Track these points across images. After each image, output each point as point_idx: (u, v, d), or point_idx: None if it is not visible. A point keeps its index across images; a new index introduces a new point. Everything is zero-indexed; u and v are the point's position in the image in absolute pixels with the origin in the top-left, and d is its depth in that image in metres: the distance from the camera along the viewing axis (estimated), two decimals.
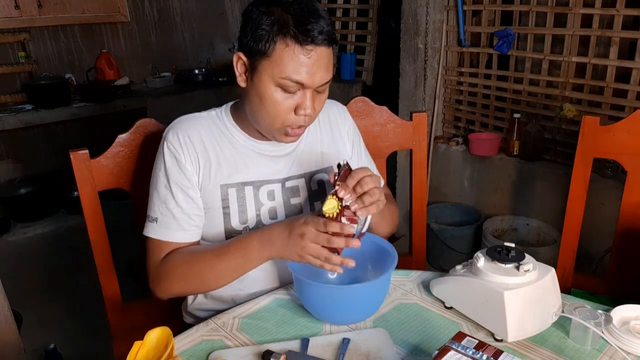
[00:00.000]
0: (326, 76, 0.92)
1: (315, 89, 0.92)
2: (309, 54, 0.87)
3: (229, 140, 1.03)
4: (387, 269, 0.89)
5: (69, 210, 2.68)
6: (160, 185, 0.99)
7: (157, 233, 0.99)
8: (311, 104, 0.92)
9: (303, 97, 0.92)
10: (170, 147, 0.98)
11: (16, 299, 1.77)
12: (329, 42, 0.89)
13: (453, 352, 0.70)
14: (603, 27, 2.03)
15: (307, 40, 0.86)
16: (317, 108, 0.95)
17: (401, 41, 2.74)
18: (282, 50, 0.87)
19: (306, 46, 0.87)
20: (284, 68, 0.88)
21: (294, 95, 0.92)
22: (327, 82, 0.93)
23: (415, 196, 1.43)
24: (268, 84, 0.90)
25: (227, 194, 1.00)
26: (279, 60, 0.88)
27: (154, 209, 1.00)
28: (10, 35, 2.74)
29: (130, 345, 0.74)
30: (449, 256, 2.57)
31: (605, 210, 2.02)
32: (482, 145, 2.52)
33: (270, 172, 1.04)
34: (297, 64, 0.88)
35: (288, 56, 0.87)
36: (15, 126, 2.55)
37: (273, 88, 0.91)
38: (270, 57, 0.88)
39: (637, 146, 1.19)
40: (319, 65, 0.89)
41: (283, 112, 0.93)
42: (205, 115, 1.05)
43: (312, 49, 0.87)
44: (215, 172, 1.00)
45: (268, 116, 0.94)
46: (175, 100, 2.99)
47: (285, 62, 0.87)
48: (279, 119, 0.93)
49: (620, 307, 0.87)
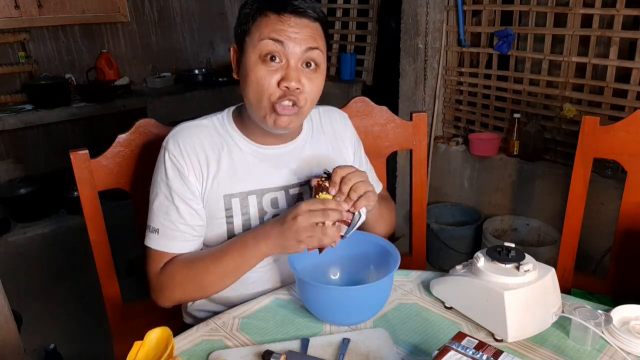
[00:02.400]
0: (310, 42, 0.90)
1: (302, 65, 0.91)
2: (288, 20, 0.89)
3: (231, 148, 1.01)
4: (389, 270, 0.89)
5: (69, 210, 2.68)
6: (162, 196, 0.98)
7: (159, 244, 0.97)
8: (296, 76, 0.90)
9: (287, 69, 0.90)
10: (172, 158, 0.97)
11: (16, 299, 1.77)
12: (311, 14, 0.90)
13: (453, 352, 0.70)
14: (603, 27, 2.03)
15: (285, 9, 0.88)
16: (307, 89, 0.92)
17: (401, 41, 2.74)
18: (261, 21, 0.90)
19: (284, 14, 0.88)
20: (262, 32, 0.89)
21: (278, 68, 0.90)
22: (312, 48, 0.91)
23: (415, 196, 1.43)
24: (251, 57, 0.91)
25: (231, 203, 0.99)
26: (257, 28, 0.90)
27: (154, 220, 0.98)
28: (10, 35, 2.74)
29: (130, 345, 0.74)
30: (449, 256, 2.57)
31: (605, 210, 2.02)
32: (482, 145, 2.52)
33: (273, 179, 1.02)
34: (274, 28, 0.89)
35: (265, 23, 0.89)
36: (15, 126, 2.55)
37: (255, 60, 0.90)
38: (251, 31, 0.90)
39: (637, 146, 1.19)
40: (300, 32, 0.89)
41: (268, 86, 0.90)
42: (206, 122, 1.02)
43: (290, 17, 0.89)
44: (218, 182, 0.99)
45: (255, 93, 0.92)
46: (175, 100, 3.00)
47: (263, 27, 0.89)
48: (265, 95, 0.91)
49: (620, 307, 0.87)
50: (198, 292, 0.99)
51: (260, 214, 1.01)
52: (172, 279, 0.96)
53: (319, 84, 0.95)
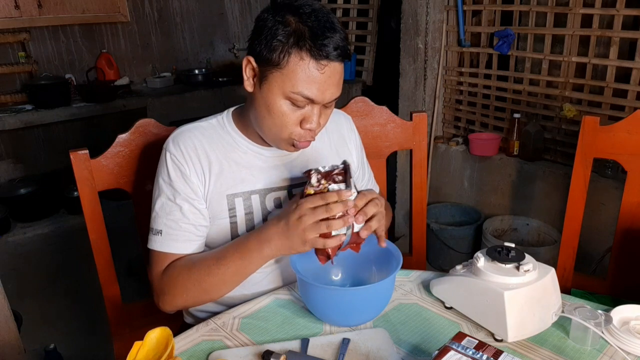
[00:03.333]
0: (336, 93, 0.91)
1: (324, 104, 0.92)
2: (322, 69, 0.86)
3: (232, 148, 1.01)
4: (391, 271, 0.89)
5: (69, 210, 2.68)
6: (164, 197, 0.97)
7: (162, 245, 0.97)
8: (317, 119, 0.92)
9: (310, 112, 0.91)
10: (173, 159, 0.97)
11: (16, 299, 1.77)
12: (343, 58, 0.89)
13: (453, 352, 0.70)
14: (603, 27, 2.03)
15: (322, 55, 0.85)
16: (322, 122, 0.95)
17: (401, 41, 2.74)
18: (295, 64, 0.86)
19: (321, 61, 0.86)
20: (297, 82, 0.87)
21: (301, 108, 0.91)
22: (336, 99, 0.93)
23: (415, 196, 1.43)
24: (277, 95, 0.89)
25: (234, 203, 0.99)
26: (292, 73, 0.86)
27: (157, 222, 0.98)
28: (10, 35, 2.74)
29: (130, 345, 0.74)
30: (449, 256, 2.57)
31: (605, 210, 2.02)
32: (482, 145, 2.52)
33: (276, 179, 1.03)
34: (309, 79, 0.86)
35: (301, 70, 0.86)
36: (15, 126, 2.55)
37: (282, 100, 0.89)
38: (283, 69, 0.87)
39: (637, 146, 1.19)
40: (330, 82, 0.89)
41: (290, 124, 0.92)
42: (206, 124, 1.02)
43: (326, 64, 0.86)
44: (221, 182, 0.99)
45: (275, 127, 0.93)
46: (175, 100, 2.99)
47: (299, 76, 0.86)
48: (285, 131, 0.92)
49: (620, 307, 0.87)
50: (200, 296, 0.96)
51: (263, 213, 1.01)
52: (174, 282, 0.95)
53: (332, 111, 0.98)
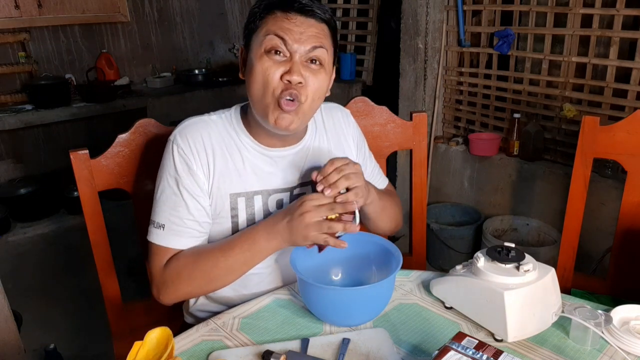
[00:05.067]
0: (315, 41, 0.91)
1: (306, 61, 0.91)
2: (294, 19, 0.90)
3: (238, 147, 1.00)
4: (391, 271, 0.89)
5: (69, 210, 2.68)
6: (169, 191, 0.96)
7: (164, 240, 0.96)
8: (298, 70, 0.90)
9: (291, 64, 0.90)
10: (180, 152, 0.96)
11: (16, 299, 1.77)
12: (318, 15, 0.91)
13: (453, 352, 0.70)
14: (603, 27, 2.03)
15: (292, 8, 0.89)
16: (310, 84, 0.92)
17: (401, 41, 2.74)
18: (267, 19, 0.91)
19: (290, 12, 0.90)
20: (268, 28, 0.90)
21: (282, 62, 0.90)
22: (317, 47, 0.91)
23: (415, 196, 1.43)
24: (257, 53, 0.91)
25: (237, 202, 0.99)
26: (264, 25, 0.91)
27: (160, 215, 0.97)
28: (10, 35, 2.74)
29: (130, 345, 0.74)
30: (449, 256, 2.57)
31: (605, 210, 2.02)
32: (482, 145, 2.52)
33: (279, 181, 1.02)
34: (281, 25, 0.90)
35: (272, 20, 0.90)
36: (15, 126, 2.55)
37: (260, 54, 0.91)
38: (258, 29, 0.92)
39: (637, 146, 1.19)
40: (305, 31, 0.90)
41: (272, 79, 0.90)
42: (215, 118, 1.01)
43: (296, 16, 0.90)
44: (225, 181, 0.98)
45: (258, 87, 0.92)
46: (175, 100, 3.00)
47: (270, 24, 0.90)
48: (269, 89, 0.90)
49: (620, 307, 0.87)
50: (205, 286, 0.96)
51: (265, 214, 1.01)
52: (177, 273, 0.95)
53: (322, 81, 0.94)
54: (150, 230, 0.98)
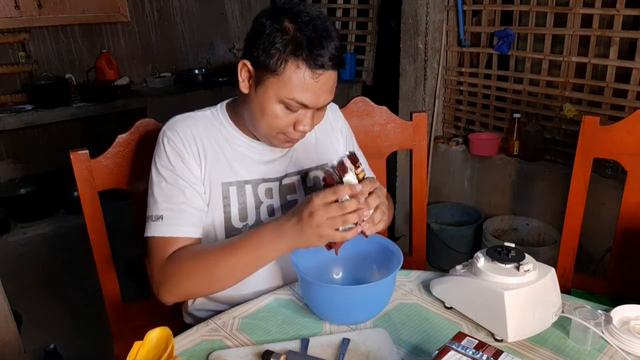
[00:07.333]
0: (329, 98, 0.95)
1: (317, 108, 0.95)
2: (317, 77, 0.89)
3: (226, 140, 1.03)
4: (392, 270, 0.89)
5: (69, 210, 2.68)
6: (163, 183, 0.98)
7: (164, 230, 0.95)
8: (310, 122, 0.95)
9: (304, 116, 0.94)
10: (172, 144, 0.98)
11: (16, 299, 1.77)
12: (337, 67, 0.92)
13: (453, 352, 0.70)
14: (603, 27, 2.03)
15: (317, 65, 0.88)
16: (315, 124, 0.98)
17: (401, 41, 2.74)
18: (292, 72, 0.88)
19: (316, 70, 0.88)
20: (292, 89, 0.89)
21: (294, 112, 0.94)
22: (328, 103, 0.96)
23: (415, 196, 1.43)
24: (272, 100, 0.92)
25: (228, 191, 1.01)
26: (288, 81, 0.89)
27: (157, 207, 0.97)
28: (10, 35, 2.74)
29: (130, 345, 0.74)
30: (449, 256, 2.57)
31: (605, 210, 2.02)
32: (482, 145, 2.52)
33: (267, 170, 1.05)
34: (304, 87, 0.89)
35: (297, 78, 0.89)
36: (15, 126, 2.55)
37: (276, 104, 0.92)
38: (279, 76, 0.89)
39: (637, 146, 1.19)
40: (324, 89, 0.92)
41: (282, 126, 0.95)
42: (201, 114, 1.05)
43: (321, 73, 0.89)
44: (216, 171, 1.00)
45: (267, 127, 0.96)
46: (175, 100, 2.99)
47: (294, 83, 0.89)
48: (276, 130, 0.96)
49: (620, 307, 0.87)
50: (206, 286, 0.94)
51: (256, 203, 1.03)
52: (178, 270, 0.93)
53: (324, 112, 1.02)
54: (148, 225, 0.97)
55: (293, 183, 1.07)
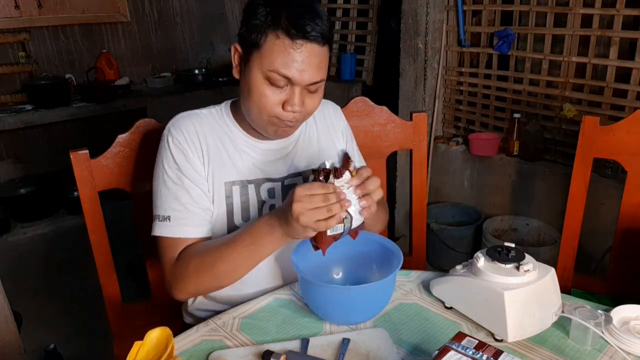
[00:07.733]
0: (316, 75, 0.91)
1: (306, 88, 0.92)
2: (299, 48, 0.87)
3: (229, 138, 1.03)
4: (392, 270, 0.89)
5: (69, 210, 2.68)
6: (169, 182, 0.97)
7: (172, 231, 0.96)
8: (299, 101, 0.91)
9: (291, 94, 0.91)
10: (176, 142, 0.98)
11: (16, 299, 1.77)
12: (321, 40, 0.89)
13: (453, 352, 0.70)
14: (603, 27, 2.03)
15: (298, 35, 0.86)
16: (308, 107, 0.95)
17: (401, 41, 2.74)
18: (272, 43, 0.87)
19: (297, 40, 0.86)
20: (273, 61, 0.88)
21: (282, 90, 0.91)
22: (317, 82, 0.92)
23: (415, 196, 1.43)
24: (257, 76, 0.90)
25: (231, 191, 1.01)
26: (269, 52, 0.88)
27: (164, 207, 0.97)
28: (10, 35, 2.74)
29: (130, 345, 0.74)
30: (449, 256, 2.57)
31: (605, 210, 2.02)
32: (482, 145, 2.52)
33: (270, 171, 1.04)
34: (286, 58, 0.87)
35: (277, 49, 0.87)
36: (15, 126, 2.55)
37: (261, 80, 0.90)
38: (261, 49, 0.88)
39: (637, 146, 1.19)
40: (309, 62, 0.88)
41: (270, 106, 0.92)
42: (206, 112, 1.04)
43: (302, 43, 0.87)
44: (219, 169, 1.00)
45: (255, 108, 0.93)
46: (175, 100, 3.00)
47: (275, 54, 0.87)
48: (265, 112, 0.93)
49: (620, 307, 0.87)
50: (212, 282, 0.95)
51: (259, 204, 1.03)
52: (186, 268, 0.94)
53: (319, 98, 0.97)
54: (155, 225, 0.98)
55: (295, 184, 1.06)
